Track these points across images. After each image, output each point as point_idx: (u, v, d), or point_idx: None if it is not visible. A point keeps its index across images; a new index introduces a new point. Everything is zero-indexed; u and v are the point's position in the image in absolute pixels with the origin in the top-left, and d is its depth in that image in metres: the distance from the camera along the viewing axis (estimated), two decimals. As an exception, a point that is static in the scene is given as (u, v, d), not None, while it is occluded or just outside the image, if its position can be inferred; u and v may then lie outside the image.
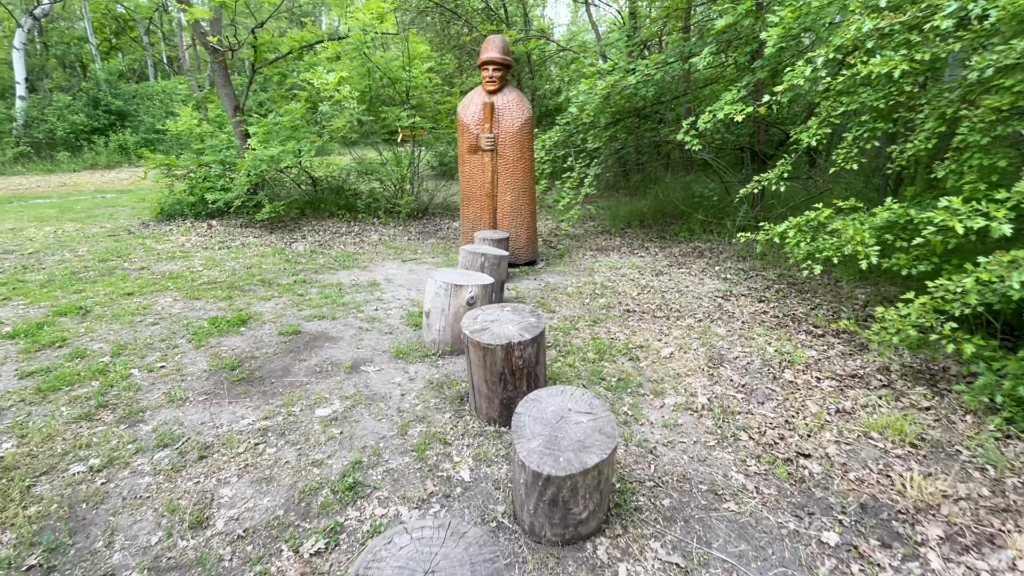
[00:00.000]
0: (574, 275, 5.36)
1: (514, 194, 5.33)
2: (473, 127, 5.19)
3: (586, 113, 5.76)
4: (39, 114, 15.53)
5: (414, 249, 6.54)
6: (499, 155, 5.23)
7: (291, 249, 6.22)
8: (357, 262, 5.76)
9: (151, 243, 6.29)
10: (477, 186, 5.38)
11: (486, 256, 3.99)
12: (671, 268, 5.51)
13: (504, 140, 5.18)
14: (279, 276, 5.10)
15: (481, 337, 2.30)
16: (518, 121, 5.14)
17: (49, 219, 7.99)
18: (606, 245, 6.67)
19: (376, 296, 4.53)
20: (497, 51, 5.04)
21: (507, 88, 5.23)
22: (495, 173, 5.30)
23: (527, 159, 5.30)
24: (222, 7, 6.30)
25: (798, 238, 3.23)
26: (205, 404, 2.65)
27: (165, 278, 4.92)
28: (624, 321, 3.91)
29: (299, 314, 4.01)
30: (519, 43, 9.49)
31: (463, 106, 5.30)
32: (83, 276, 4.94)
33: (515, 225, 5.42)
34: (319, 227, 7.26)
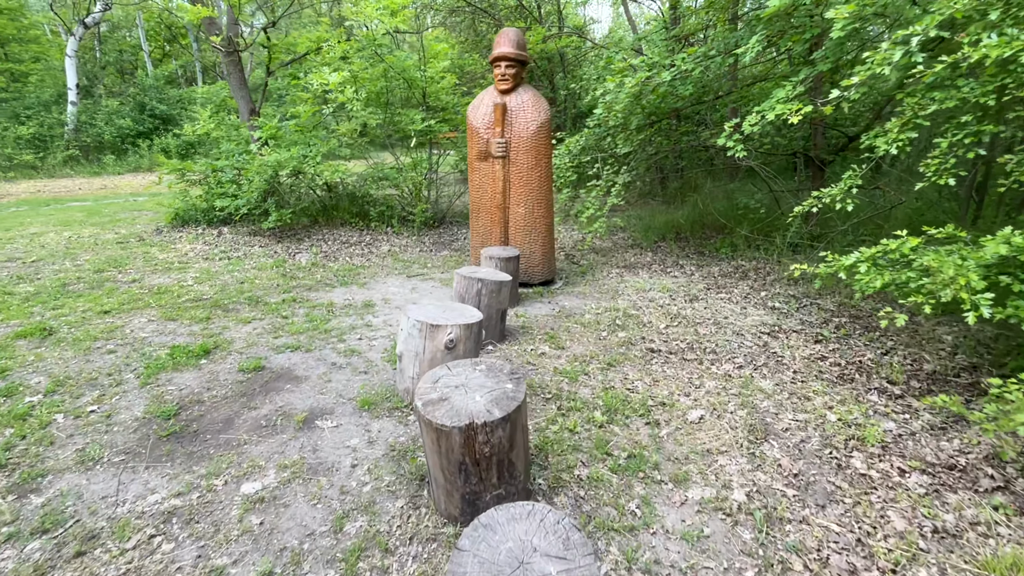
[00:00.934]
0: (595, 298, 4.71)
1: (528, 206, 4.74)
2: (483, 131, 4.64)
3: (614, 115, 5.11)
4: (89, 119, 16.12)
5: (423, 262, 6.05)
6: (511, 162, 4.66)
7: (293, 261, 5.85)
8: (357, 278, 5.31)
9: (156, 252, 6.06)
10: (487, 197, 4.82)
11: (484, 282, 3.41)
12: (708, 292, 4.77)
13: (517, 145, 4.59)
14: (269, 293, 4.70)
15: (435, 413, 1.73)
16: (533, 124, 4.55)
17: (73, 224, 7.99)
18: (635, 261, 5.97)
19: (365, 321, 4.04)
20: (510, 45, 4.46)
21: (522, 87, 4.65)
22: (507, 182, 4.72)
23: (544, 167, 4.69)
24: (233, 7, 6.02)
25: (872, 275, 2.49)
26: (118, 468, 2.19)
27: (151, 293, 4.61)
28: (646, 364, 3.25)
29: (272, 342, 3.55)
30: (549, 40, 8.89)
31: (473, 108, 4.76)
32: (71, 289, 4.70)
33: (529, 241, 4.82)
34: (329, 236, 6.89)
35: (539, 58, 11.27)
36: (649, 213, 8.33)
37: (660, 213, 8.10)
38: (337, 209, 7.34)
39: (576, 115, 11.86)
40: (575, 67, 12.57)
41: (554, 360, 3.32)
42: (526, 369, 3.19)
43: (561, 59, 11.37)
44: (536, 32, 8.40)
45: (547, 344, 3.58)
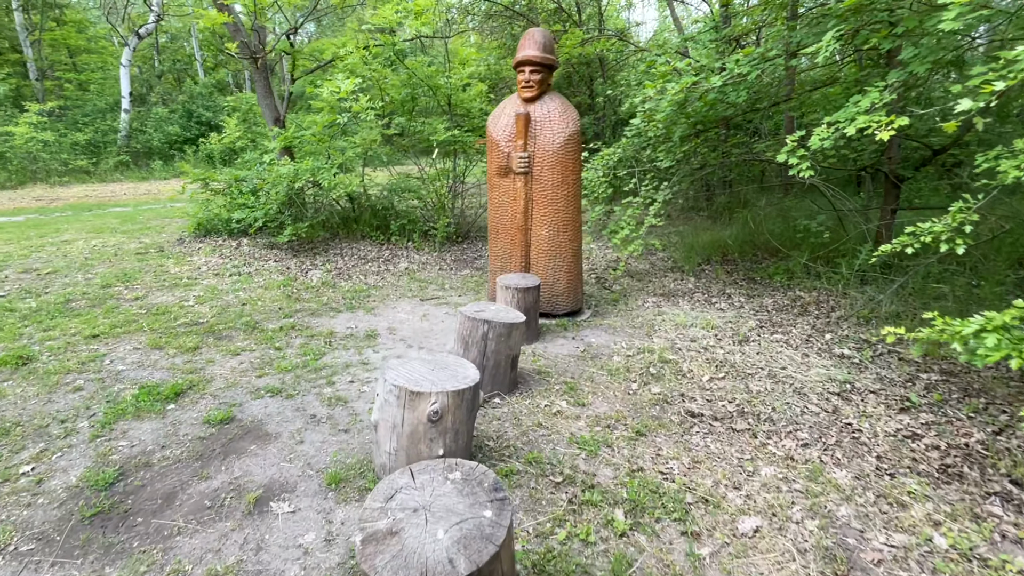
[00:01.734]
0: (626, 334, 4.11)
1: (552, 228, 4.20)
2: (504, 144, 4.14)
3: (653, 125, 4.51)
4: (140, 126, 16.72)
5: (441, 283, 5.60)
6: (535, 179, 4.13)
7: (304, 279, 5.52)
8: (367, 300, 4.91)
9: (170, 264, 5.87)
10: (507, 217, 4.31)
11: (491, 325, 2.90)
12: (761, 332, 4.09)
13: (542, 160, 4.07)
14: (269, 317, 4.35)
15: (376, 561, 1.22)
16: (560, 136, 4.01)
17: (104, 231, 8.02)
18: (675, 288, 5.31)
19: (363, 357, 3.60)
20: (536, 48, 3.95)
21: (549, 95, 4.12)
22: (529, 201, 4.20)
23: (571, 184, 4.14)
24: (258, 13, 5.80)
25: (1004, 348, 1.82)
26: (21, 563, 1.80)
27: (149, 314, 4.34)
28: (684, 435, 2.64)
29: (254, 383, 3.16)
30: (587, 44, 8.33)
31: (494, 118, 4.27)
32: (72, 307, 4.50)
33: (553, 267, 4.27)
34: (348, 250, 6.56)
35: (578, 63, 10.72)
36: (692, 230, 7.61)
37: (705, 231, 7.37)
38: (358, 222, 7.02)
39: (616, 122, 11.22)
40: (616, 72, 11.95)
41: (572, 422, 2.76)
42: (537, 435, 2.65)
43: (601, 64, 10.77)
44: (573, 35, 7.87)
45: (565, 398, 3.03)
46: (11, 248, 6.76)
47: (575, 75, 11.37)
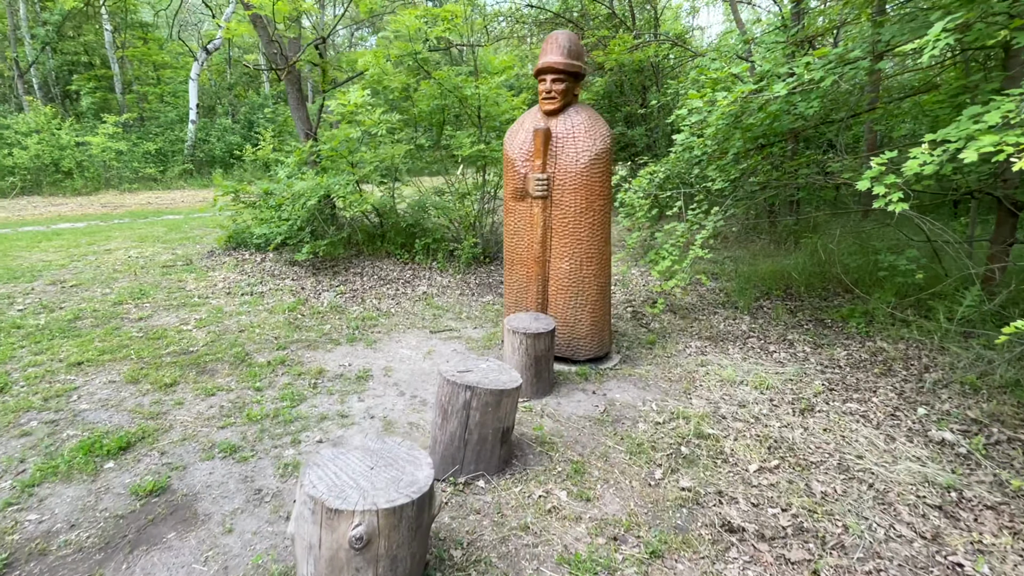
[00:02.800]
0: (659, 389, 3.44)
1: (574, 261, 3.59)
2: (520, 163, 3.59)
3: (701, 142, 3.82)
4: (204, 136, 17.58)
5: (458, 311, 5.11)
6: (554, 204, 3.56)
7: (316, 301, 5.20)
8: (372, 330, 4.49)
9: (190, 280, 5.76)
10: (523, 246, 3.75)
11: (475, 392, 2.34)
12: (831, 396, 3.29)
13: (563, 183, 3.49)
14: (263, 348, 4.01)
15: None
16: (585, 155, 3.42)
17: (147, 240, 8.18)
18: (725, 330, 4.54)
19: (344, 407, 3.15)
20: (559, 53, 3.39)
21: (574, 107, 3.54)
22: (547, 230, 3.62)
23: (598, 211, 3.53)
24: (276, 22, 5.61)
25: None
26: None
27: (144, 338, 4.13)
28: (716, 562, 1.97)
29: (212, 436, 2.77)
30: (637, 49, 7.66)
31: (511, 133, 3.74)
32: (76, 326, 4.37)
33: (574, 306, 3.67)
34: (369, 269, 6.23)
35: (631, 70, 10.03)
36: (749, 256, 6.73)
37: (765, 258, 6.48)
38: (383, 239, 6.69)
39: (672, 131, 10.41)
40: (674, 81, 11.12)
41: (569, 526, 2.15)
42: (520, 544, 2.06)
43: (655, 72, 10.02)
44: (622, 40, 7.23)
45: (567, 485, 2.42)
46: (56, 256, 6.94)
47: (627, 83, 10.68)
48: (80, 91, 17.06)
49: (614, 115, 10.75)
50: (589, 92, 9.68)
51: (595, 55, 8.07)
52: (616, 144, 10.43)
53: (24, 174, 13.48)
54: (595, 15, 11.05)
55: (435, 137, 5.74)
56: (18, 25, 16.23)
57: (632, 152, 10.66)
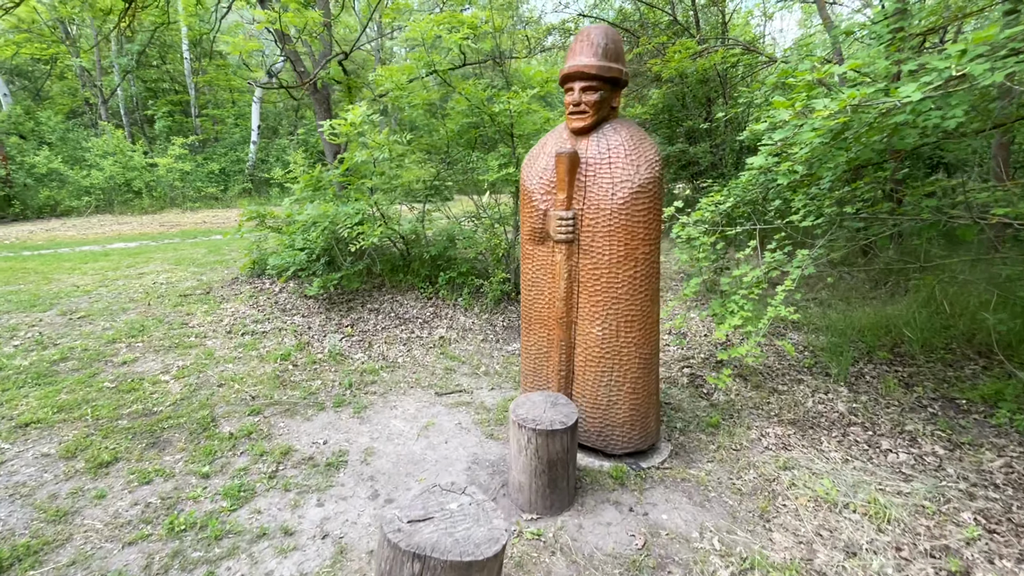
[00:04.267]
0: (724, 509, 2.47)
1: (608, 326, 2.71)
2: (539, 196, 2.77)
3: (788, 166, 2.84)
4: (264, 156, 18.11)
5: (476, 363, 4.33)
6: (582, 250, 2.70)
7: (319, 345, 4.60)
8: (367, 390, 3.79)
9: (198, 313, 5.36)
10: (542, 302, 2.91)
11: (428, 564, 1.51)
12: (994, 550, 2.18)
13: (594, 223, 2.63)
14: (235, 411, 3.40)
15: None
16: (625, 187, 2.55)
17: (184, 262, 8.06)
18: (815, 411, 3.45)
19: (295, 516, 2.42)
20: (591, 54, 2.55)
21: (611, 124, 2.68)
22: (573, 283, 2.76)
23: (641, 260, 2.63)
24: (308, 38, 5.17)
25: None
26: None
27: (113, 391, 3.64)
28: None
29: (110, 560, 2.11)
30: (702, 56, 6.67)
31: (530, 159, 2.92)
32: (56, 370, 3.98)
33: (607, 383, 2.77)
34: (388, 305, 5.60)
35: (694, 81, 8.98)
36: (839, 299, 5.47)
37: (860, 302, 5.23)
38: (407, 270, 6.06)
39: (740, 148, 9.19)
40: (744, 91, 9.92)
41: None
42: None
43: (722, 82, 8.91)
44: (683, 46, 6.28)
45: None
46: (88, 280, 6.86)
47: (689, 95, 9.61)
48: (155, 115, 18.09)
49: (674, 130, 9.70)
50: (645, 106, 8.73)
51: (652, 64, 7.14)
52: (675, 162, 9.35)
53: (99, 194, 14.25)
54: (655, 23, 10.11)
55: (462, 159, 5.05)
56: (105, 55, 17.51)
57: (694, 171, 9.54)
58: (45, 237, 11.38)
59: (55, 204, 13.60)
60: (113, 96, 17.80)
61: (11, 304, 5.59)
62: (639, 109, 7.99)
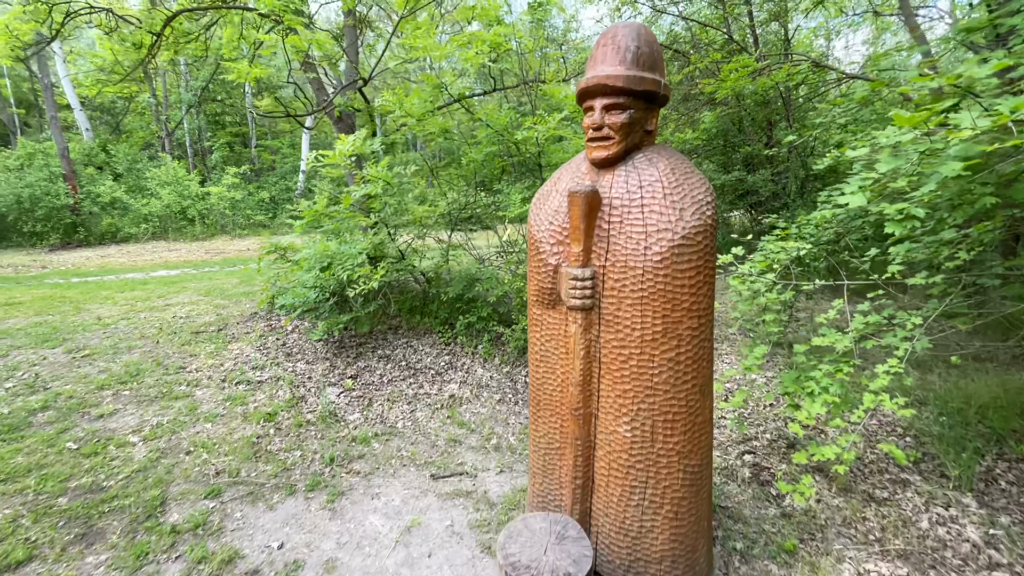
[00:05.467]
0: None
1: (641, 426, 1.97)
2: (549, 247, 2.10)
3: (900, 211, 2.04)
4: (312, 185, 18.52)
5: (487, 433, 3.65)
6: (605, 321, 1.99)
7: (314, 400, 4.07)
8: (349, 469, 3.18)
9: (202, 355, 5.01)
10: (553, 384, 2.21)
11: None
12: None
13: (619, 285, 1.93)
14: (193, 491, 2.87)
15: None
16: (664, 237, 1.85)
17: (212, 293, 7.94)
18: (931, 536, 2.51)
19: None
20: (617, 61, 1.90)
21: (646, 153, 2.00)
22: (593, 363, 2.06)
23: (687, 338, 1.90)
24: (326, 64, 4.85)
25: None
26: None
27: (72, 455, 3.22)
28: None
29: None
30: (763, 74, 5.88)
31: (540, 197, 2.27)
32: (28, 422, 3.64)
33: (639, 504, 2.02)
34: (401, 351, 5.05)
35: (752, 102, 8.13)
36: (949, 364, 4.39)
37: (978, 370, 4.16)
38: (424, 312, 5.51)
39: (805, 177, 8.18)
40: (807, 112, 8.94)
41: None
42: None
43: (785, 103, 8.01)
44: (740, 64, 5.53)
45: None
46: (114, 312, 6.76)
47: (747, 118, 8.74)
48: (212, 147, 18.99)
49: (730, 157, 8.82)
50: (696, 131, 7.94)
51: (704, 85, 6.41)
52: (731, 191, 8.44)
53: (155, 221, 14.87)
54: (708, 43, 9.38)
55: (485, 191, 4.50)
56: (170, 91, 18.65)
57: (752, 201, 8.58)
58: (98, 264, 11.80)
59: (116, 231, 14.26)
60: (179, 128, 18.87)
61: (27, 338, 5.46)
62: (690, 135, 7.22)
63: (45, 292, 8.22)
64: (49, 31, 5.29)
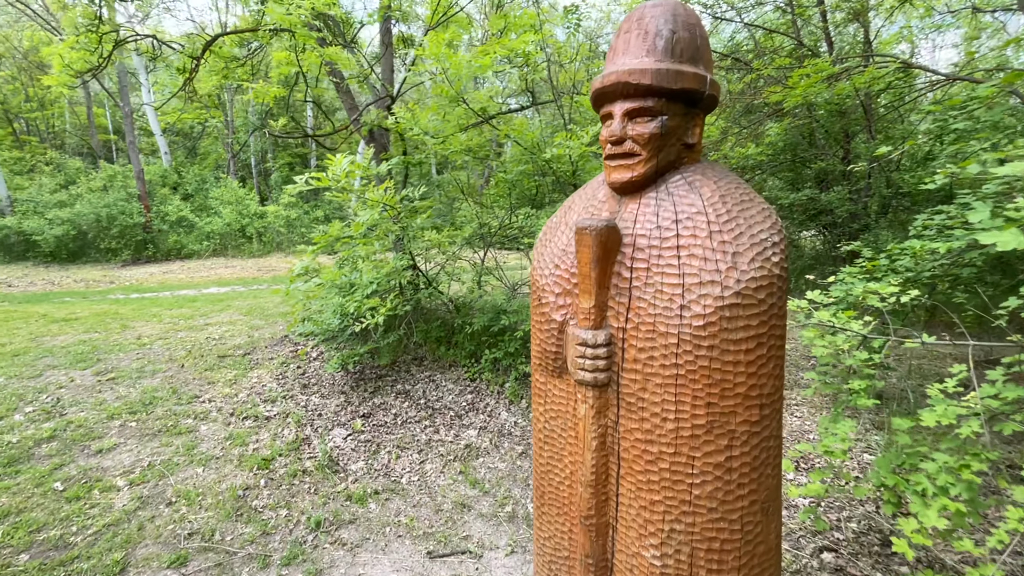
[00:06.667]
0: None
1: (675, 553, 1.40)
2: (553, 297, 1.59)
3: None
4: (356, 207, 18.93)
5: (502, 497, 3.13)
6: (626, 404, 1.45)
7: (317, 442, 3.72)
8: (334, 538, 2.75)
9: (220, 383, 4.84)
10: (560, 474, 1.68)
11: None
12: None
13: (647, 359, 1.38)
14: (158, 556, 2.55)
15: None
16: (707, 292, 1.29)
17: (252, 313, 7.97)
18: None
19: None
20: (641, 52, 1.38)
21: (683, 175, 1.45)
22: (609, 459, 1.51)
23: (744, 435, 1.32)
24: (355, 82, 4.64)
25: None
26: None
27: (55, 498, 3.01)
28: None
29: None
30: (841, 79, 5.12)
31: (547, 232, 1.76)
32: (30, 453, 3.52)
33: (668, 665, 1.43)
34: (422, 387, 4.66)
35: (825, 112, 7.25)
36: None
37: None
38: (450, 343, 5.10)
39: (892, 195, 7.15)
40: (893, 122, 7.91)
41: None
42: None
43: (865, 111, 7.07)
44: (813, 68, 4.82)
45: None
46: (155, 331, 6.86)
47: (819, 130, 7.83)
48: (271, 167, 19.87)
49: (799, 173, 7.92)
50: (760, 145, 7.15)
51: (768, 93, 5.70)
52: (800, 211, 7.53)
53: (217, 238, 15.58)
54: (773, 49, 8.56)
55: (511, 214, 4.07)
56: (237, 115, 19.75)
57: (825, 222, 7.62)
58: (159, 280, 12.38)
59: (181, 248, 15.05)
60: (244, 150, 19.93)
61: (66, 358, 5.53)
62: (752, 150, 6.48)
63: (103, 308, 8.54)
64: (99, 59, 5.43)
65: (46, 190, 15.16)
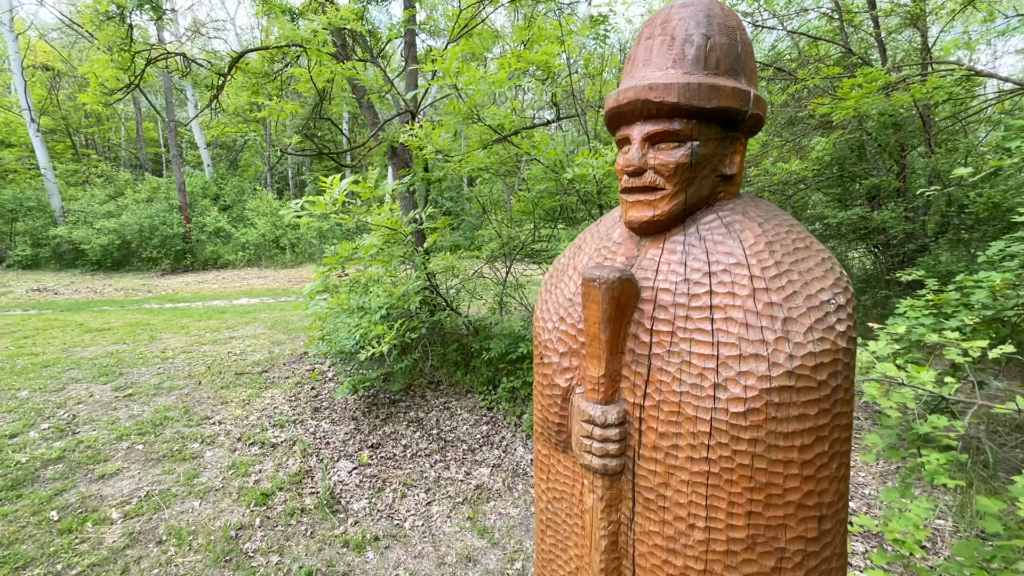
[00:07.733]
0: None
1: None
2: (557, 357, 1.32)
3: None
4: (395, 215, 19.09)
5: (512, 552, 2.84)
6: (644, 499, 1.15)
7: (324, 478, 3.53)
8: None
9: (232, 403, 4.75)
10: (564, 569, 1.39)
11: None
12: None
13: (671, 448, 1.09)
14: (137, 607, 2.38)
15: None
16: (750, 369, 0.99)
17: (276, 327, 7.97)
18: None
19: None
20: (666, 63, 1.11)
21: (719, 213, 1.16)
22: (622, 563, 1.21)
23: (797, 555, 1.01)
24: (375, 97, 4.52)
25: None
26: None
27: (48, 529, 2.91)
28: None
29: None
30: (897, 89, 4.68)
31: (553, 276, 1.50)
32: (35, 476, 3.45)
33: None
34: (436, 415, 4.43)
35: (877, 124, 6.72)
36: None
37: None
38: (467, 368, 4.87)
39: (950, 215, 6.54)
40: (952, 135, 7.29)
41: None
42: None
43: (924, 122, 6.51)
44: (866, 78, 4.41)
45: None
46: (180, 343, 6.90)
47: (871, 143, 7.28)
48: (306, 179, 20.31)
49: (847, 189, 7.38)
50: (805, 160, 6.67)
51: (815, 105, 5.28)
52: (849, 231, 6.98)
53: (252, 249, 15.94)
54: (819, 58, 8.07)
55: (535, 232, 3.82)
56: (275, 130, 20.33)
57: (878, 242, 7.05)
58: (194, 290, 12.68)
59: (217, 258, 15.45)
60: (282, 162, 20.48)
61: (90, 371, 5.56)
62: (796, 165, 6.03)
63: (136, 318, 8.71)
64: (132, 77, 5.52)
65: (96, 201, 15.89)
